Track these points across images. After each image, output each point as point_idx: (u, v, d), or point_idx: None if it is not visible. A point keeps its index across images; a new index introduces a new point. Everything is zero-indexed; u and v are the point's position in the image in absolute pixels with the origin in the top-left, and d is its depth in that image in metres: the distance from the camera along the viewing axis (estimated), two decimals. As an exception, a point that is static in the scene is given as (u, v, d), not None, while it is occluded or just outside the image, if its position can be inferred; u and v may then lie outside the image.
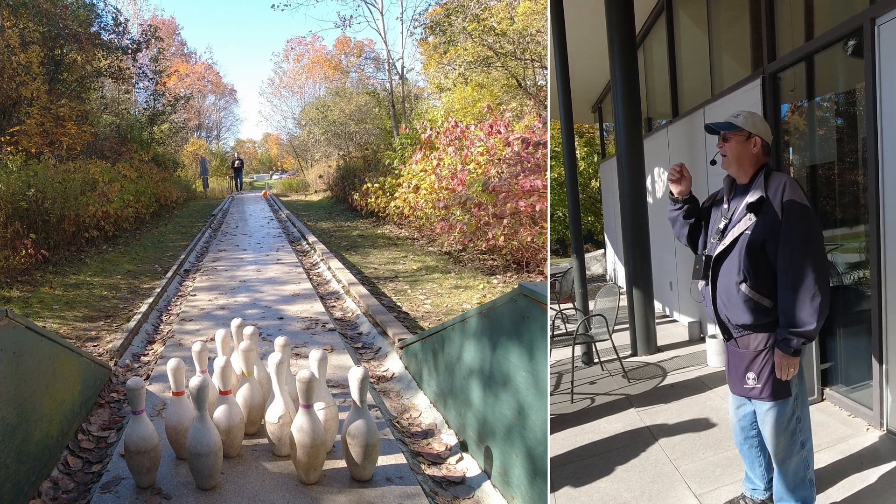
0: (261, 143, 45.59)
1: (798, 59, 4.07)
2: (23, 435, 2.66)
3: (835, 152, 4.00)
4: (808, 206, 2.35)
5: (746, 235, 2.39)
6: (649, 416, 4.02)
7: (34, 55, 12.99)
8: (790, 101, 4.42)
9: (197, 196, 24.69)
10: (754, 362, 2.44)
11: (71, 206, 9.88)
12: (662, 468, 3.25)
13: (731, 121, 2.48)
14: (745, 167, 2.49)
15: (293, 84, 34.95)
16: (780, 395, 2.43)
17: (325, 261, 8.96)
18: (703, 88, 5.84)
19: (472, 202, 8.34)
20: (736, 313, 2.44)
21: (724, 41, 5.54)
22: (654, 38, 7.36)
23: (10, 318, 2.63)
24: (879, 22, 3.19)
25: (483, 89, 16.70)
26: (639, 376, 4.97)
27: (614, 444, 3.64)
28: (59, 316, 6.19)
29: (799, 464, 2.53)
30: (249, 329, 3.25)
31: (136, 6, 27.24)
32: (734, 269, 2.42)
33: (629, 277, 5.77)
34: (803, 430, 2.51)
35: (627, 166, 5.64)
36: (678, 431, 3.71)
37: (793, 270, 2.29)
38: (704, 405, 4.13)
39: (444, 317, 5.86)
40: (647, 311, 5.64)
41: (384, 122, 21.14)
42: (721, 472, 3.12)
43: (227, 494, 2.65)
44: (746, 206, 2.42)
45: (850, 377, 3.81)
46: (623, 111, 5.62)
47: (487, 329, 2.87)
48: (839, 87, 3.96)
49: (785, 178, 2.40)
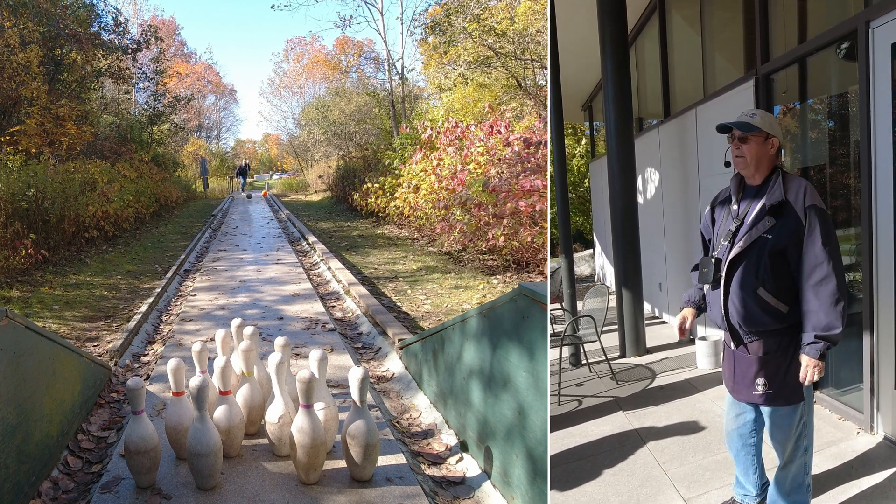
0: (261, 143, 45.61)
1: (791, 60, 4.06)
2: (23, 435, 2.66)
3: (826, 155, 3.99)
4: (827, 212, 2.33)
5: (767, 239, 2.34)
6: (637, 419, 3.99)
7: (34, 55, 13.00)
8: (782, 103, 4.41)
9: (197, 196, 24.71)
10: (765, 367, 2.40)
11: (71, 206, 9.88)
12: (651, 472, 3.23)
13: (748, 121, 2.41)
14: (762, 169, 2.43)
15: (293, 84, 34.98)
16: (792, 400, 2.39)
17: (324, 261, 8.96)
18: (695, 89, 5.82)
19: (472, 202, 8.34)
20: (751, 318, 2.38)
21: (718, 42, 5.53)
22: (647, 38, 7.33)
23: (10, 318, 2.63)
24: (874, 25, 3.18)
25: (483, 89, 16.70)
26: (627, 378, 4.94)
27: (602, 448, 3.61)
28: (59, 316, 6.19)
29: (800, 468, 2.50)
30: (249, 329, 3.25)
31: (136, 6, 27.28)
32: (751, 274, 2.36)
33: (618, 278, 5.74)
34: (808, 434, 2.49)
35: (618, 166, 5.61)
36: (667, 434, 3.69)
37: (817, 274, 2.27)
38: (693, 408, 4.11)
39: (444, 317, 5.86)
40: (637, 312, 5.60)
41: (384, 123, 21.15)
42: (710, 476, 3.10)
43: (227, 494, 2.65)
44: (767, 208, 2.36)
45: (841, 380, 3.78)
46: (614, 110, 5.59)
47: (487, 329, 2.87)
48: (832, 89, 3.95)
49: (804, 183, 2.36)
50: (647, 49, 7.40)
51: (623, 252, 5.66)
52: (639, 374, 5.03)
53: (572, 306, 5.59)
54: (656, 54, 6.78)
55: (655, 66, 6.89)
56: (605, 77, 5.63)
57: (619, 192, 5.62)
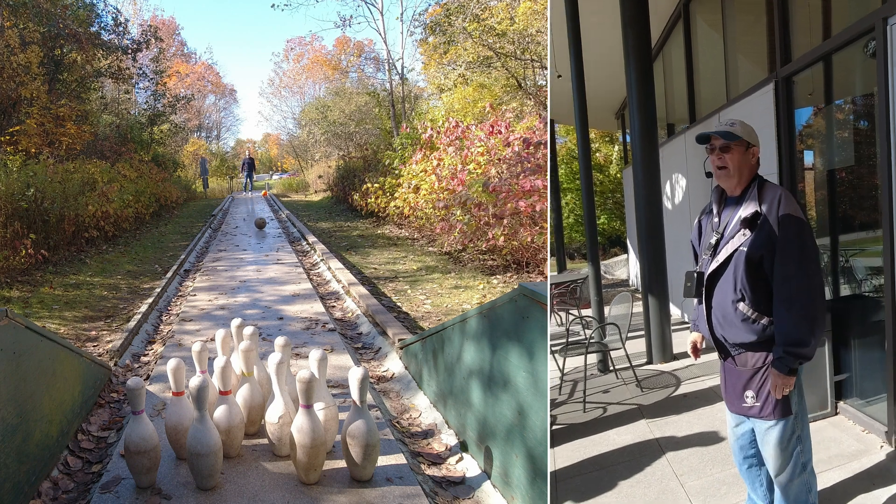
0: (261, 143, 45.61)
1: (812, 61, 3.96)
2: (23, 435, 2.66)
3: (853, 156, 3.88)
4: (804, 220, 2.28)
5: (742, 252, 2.30)
6: (659, 428, 3.98)
7: (34, 55, 13.00)
8: (811, 104, 4.31)
9: (197, 196, 24.69)
10: (752, 380, 2.36)
11: (70, 206, 9.87)
12: (668, 483, 3.20)
13: (730, 130, 2.38)
14: (743, 179, 2.40)
15: (293, 84, 35.01)
16: (780, 414, 2.34)
17: (324, 261, 8.96)
18: (719, 94, 5.82)
19: (472, 202, 8.34)
20: (733, 332, 2.36)
21: (741, 45, 5.50)
22: (674, 44, 7.40)
23: (10, 318, 2.62)
24: (892, 21, 3.10)
25: (483, 89, 16.70)
26: (652, 385, 4.94)
27: (622, 457, 3.60)
28: (59, 316, 6.19)
29: (801, 487, 2.43)
30: (249, 329, 3.25)
31: (136, 6, 27.31)
32: (730, 287, 2.34)
33: (644, 285, 5.76)
34: (804, 450, 2.42)
35: (642, 174, 5.66)
36: (686, 445, 3.66)
37: (788, 287, 2.23)
38: (715, 417, 4.06)
39: (444, 317, 5.86)
40: (663, 318, 5.61)
41: (384, 123, 21.15)
42: (726, 491, 3.05)
43: (227, 494, 2.65)
44: (740, 220, 2.33)
45: (866, 390, 3.64)
46: (639, 119, 5.64)
47: (487, 329, 2.87)
48: (857, 89, 3.85)
49: (780, 191, 2.32)
50: (674, 56, 7.47)
51: (648, 259, 5.69)
52: (663, 382, 5.03)
53: (599, 313, 5.63)
54: (682, 60, 6.82)
55: (682, 73, 6.93)
56: (630, 87, 5.67)
57: (644, 200, 5.67)
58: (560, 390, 5.04)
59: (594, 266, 5.71)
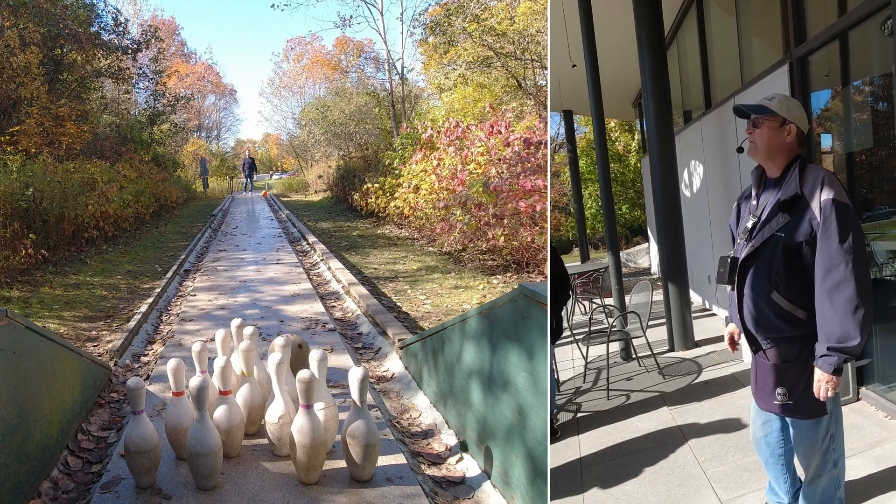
0: (261, 143, 45.60)
1: (827, 39, 3.83)
2: (23, 435, 2.66)
3: (871, 138, 3.77)
4: (849, 206, 2.09)
5: (779, 238, 2.13)
6: (681, 415, 4.01)
7: (33, 55, 12.99)
8: (827, 86, 4.18)
9: (197, 196, 24.69)
10: (785, 377, 2.21)
11: (70, 206, 9.87)
12: (690, 470, 3.22)
13: (764, 104, 2.23)
14: (776, 158, 2.23)
15: (293, 84, 34.98)
16: (814, 414, 2.20)
17: (325, 261, 8.96)
18: (733, 78, 5.76)
19: (472, 202, 8.34)
20: (766, 324, 2.20)
21: (755, 27, 5.41)
22: (687, 30, 7.35)
23: (10, 318, 2.62)
24: None
25: (483, 89, 16.70)
26: (674, 373, 4.97)
27: (645, 444, 3.64)
28: (58, 316, 6.19)
29: (829, 482, 2.33)
30: (249, 329, 3.25)
31: (136, 6, 27.29)
32: (764, 275, 2.17)
33: (664, 273, 5.80)
34: (837, 448, 2.29)
35: (659, 163, 5.69)
36: (708, 432, 3.68)
37: (832, 278, 2.03)
38: (737, 404, 4.06)
39: (444, 317, 5.86)
40: (683, 305, 5.63)
41: (384, 123, 21.14)
42: (748, 478, 3.03)
43: (227, 494, 2.65)
44: (779, 204, 2.15)
45: (888, 376, 3.53)
46: (653, 108, 5.65)
47: (487, 329, 2.87)
48: (874, 69, 3.72)
49: (823, 173, 2.14)
50: (688, 42, 7.41)
51: (667, 247, 5.73)
52: (685, 369, 5.05)
53: (620, 301, 5.70)
54: (696, 46, 6.78)
55: (696, 58, 6.89)
56: (644, 76, 5.67)
57: (661, 189, 5.71)
58: (584, 378, 5.08)
59: (614, 255, 5.77)
